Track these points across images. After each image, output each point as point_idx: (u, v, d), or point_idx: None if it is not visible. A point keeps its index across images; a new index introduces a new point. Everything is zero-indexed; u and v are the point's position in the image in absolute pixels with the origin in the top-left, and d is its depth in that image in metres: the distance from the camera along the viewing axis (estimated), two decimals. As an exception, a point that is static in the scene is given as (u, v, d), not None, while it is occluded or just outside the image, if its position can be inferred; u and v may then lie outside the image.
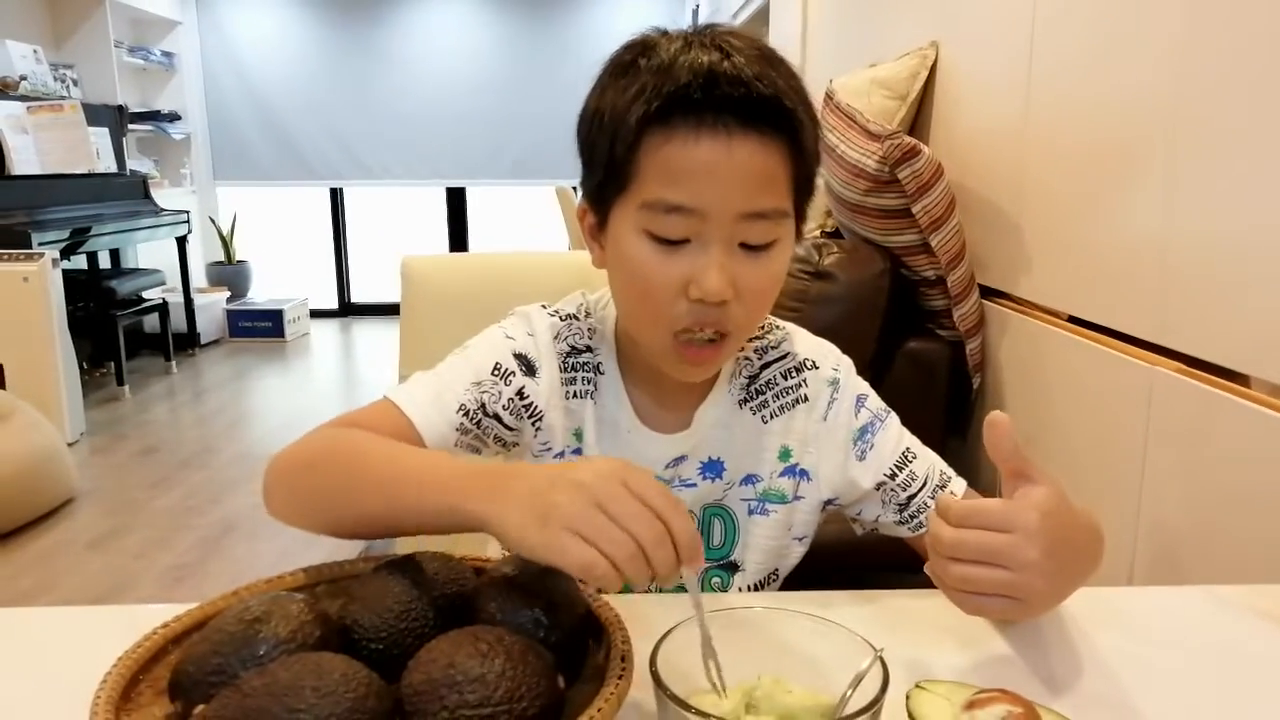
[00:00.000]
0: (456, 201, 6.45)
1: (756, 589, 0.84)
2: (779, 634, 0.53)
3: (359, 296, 6.60)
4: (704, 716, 0.43)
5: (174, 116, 5.81)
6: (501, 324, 0.83)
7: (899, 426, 0.83)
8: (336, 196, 6.38)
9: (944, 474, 0.81)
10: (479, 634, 0.48)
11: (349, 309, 6.57)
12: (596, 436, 0.81)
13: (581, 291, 0.87)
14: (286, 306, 5.70)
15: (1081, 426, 1.38)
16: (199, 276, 5.84)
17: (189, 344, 5.23)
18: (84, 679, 0.48)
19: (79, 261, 4.23)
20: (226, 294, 5.86)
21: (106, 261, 4.87)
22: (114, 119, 4.89)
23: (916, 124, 1.98)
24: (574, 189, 4.66)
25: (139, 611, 0.62)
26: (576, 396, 0.81)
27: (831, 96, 1.86)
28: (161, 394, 4.49)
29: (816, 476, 0.83)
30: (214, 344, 5.56)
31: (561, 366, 0.81)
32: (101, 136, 4.68)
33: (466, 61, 6.05)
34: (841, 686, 0.48)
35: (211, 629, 0.50)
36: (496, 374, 0.78)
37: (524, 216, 6.45)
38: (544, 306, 0.84)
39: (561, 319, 0.83)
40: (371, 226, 6.51)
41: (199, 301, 5.33)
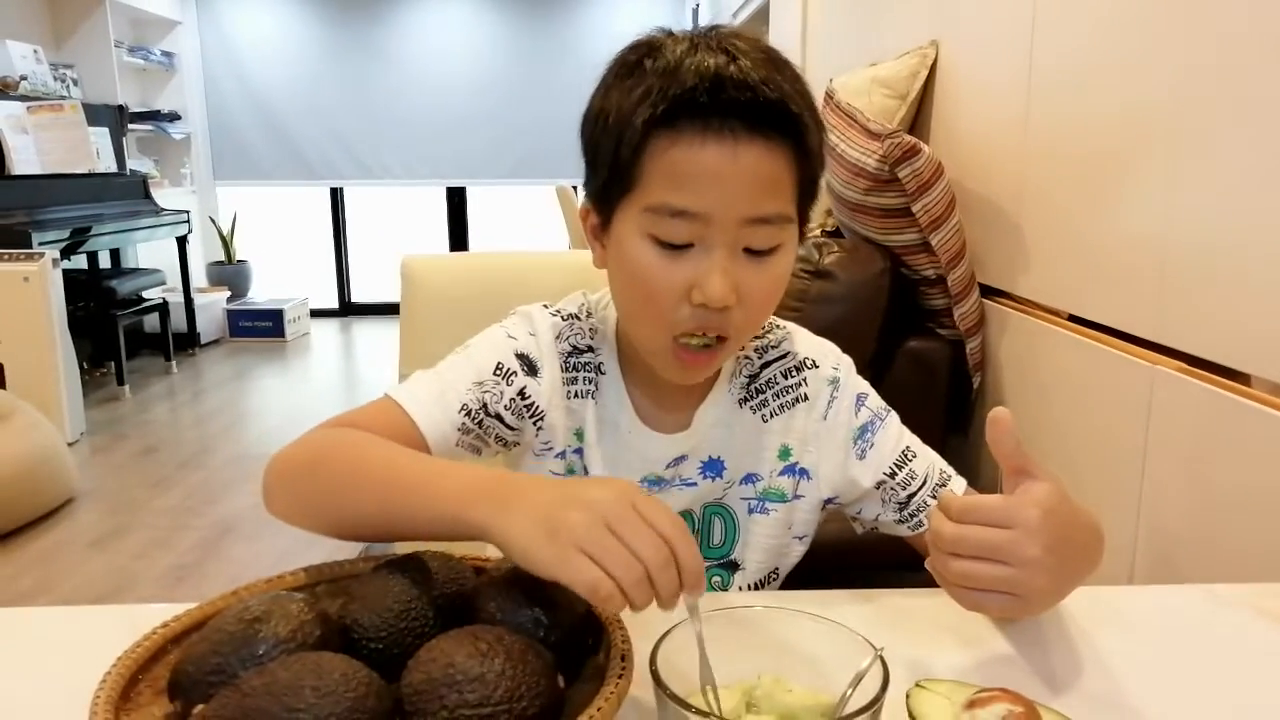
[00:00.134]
0: (457, 201, 6.45)
1: (756, 588, 0.84)
2: (779, 633, 0.53)
3: (359, 296, 6.60)
4: (704, 716, 0.43)
5: (174, 116, 5.81)
6: (503, 323, 0.83)
7: (899, 425, 0.83)
8: (337, 196, 6.38)
9: (944, 473, 0.81)
10: (479, 633, 0.48)
11: (349, 309, 6.57)
12: (597, 436, 0.81)
13: (582, 291, 0.87)
14: (287, 306, 5.70)
15: (1082, 425, 1.38)
16: (199, 276, 5.84)
17: (189, 344, 5.23)
18: (83, 679, 0.48)
19: (79, 261, 4.23)
20: (227, 294, 5.86)
21: (107, 261, 4.87)
22: (114, 119, 4.89)
23: (916, 123, 1.98)
24: (574, 189, 4.66)
25: (138, 611, 0.62)
26: (578, 396, 0.81)
27: (831, 96, 1.86)
28: (162, 394, 4.49)
29: (816, 475, 0.83)
30: (214, 344, 5.56)
31: (563, 366, 0.81)
32: (101, 136, 4.68)
33: (467, 61, 6.05)
34: (842, 686, 0.48)
35: (211, 629, 0.50)
36: (498, 374, 0.78)
37: (524, 216, 6.45)
38: (545, 306, 0.84)
39: (563, 319, 0.83)
40: (372, 226, 6.51)
41: (199, 301, 5.33)
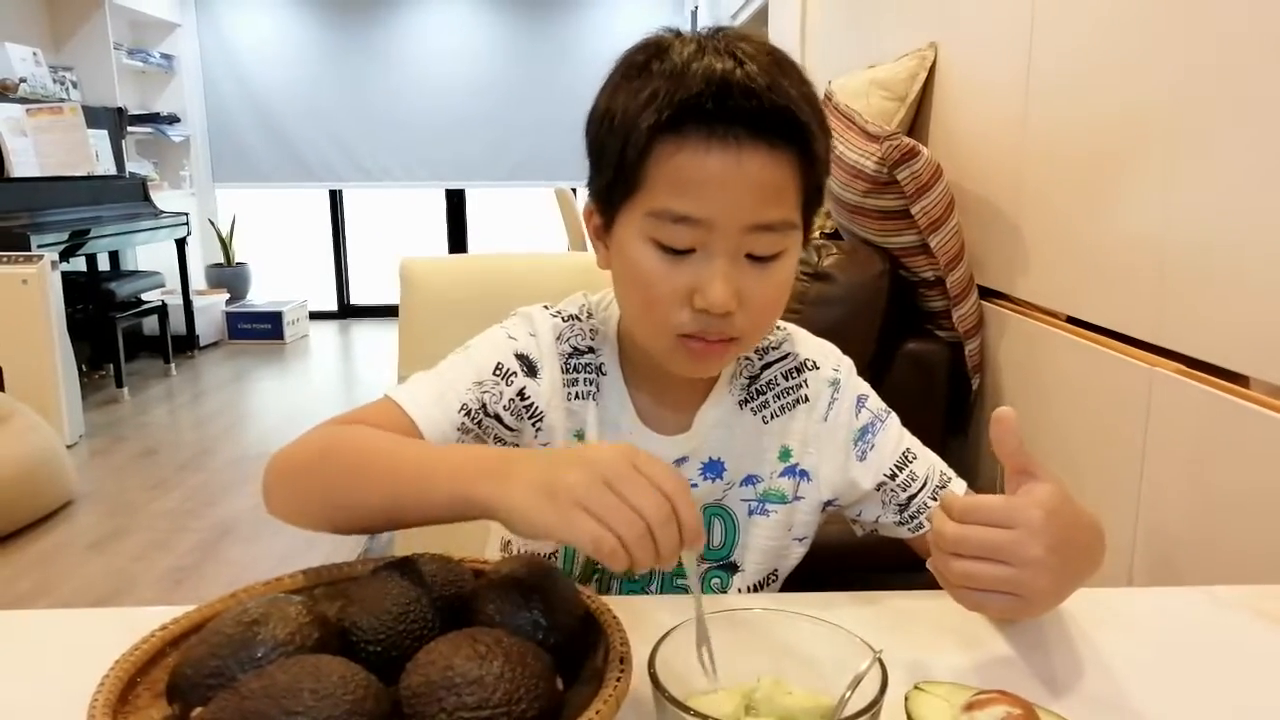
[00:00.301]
0: (456, 203, 6.45)
1: (756, 590, 0.84)
2: (778, 635, 0.53)
3: (358, 298, 6.59)
4: (702, 718, 0.43)
5: (173, 119, 5.81)
6: (504, 324, 0.83)
7: (899, 427, 0.83)
8: (336, 198, 6.38)
9: (944, 474, 0.81)
10: (477, 636, 0.48)
11: (348, 311, 6.57)
12: (598, 437, 0.81)
13: (583, 293, 0.87)
14: (286, 308, 5.69)
15: (1081, 427, 1.38)
16: (198, 278, 5.84)
17: (188, 346, 5.23)
18: (82, 682, 0.48)
19: (78, 264, 4.23)
20: (225, 296, 5.86)
21: (106, 264, 4.87)
22: (113, 121, 4.89)
23: (915, 125, 1.98)
24: (573, 191, 4.66)
25: (137, 614, 0.62)
26: (578, 398, 0.81)
27: (830, 98, 1.86)
28: (160, 396, 4.48)
29: (816, 477, 0.83)
30: (213, 346, 5.55)
31: (564, 368, 0.81)
32: (101, 139, 4.68)
33: (465, 63, 6.05)
34: (840, 688, 0.48)
35: (209, 631, 0.49)
36: (498, 374, 0.78)
37: (523, 218, 6.45)
38: (546, 307, 0.84)
39: (564, 320, 0.83)
40: (371, 228, 6.51)
41: (198, 303, 5.33)
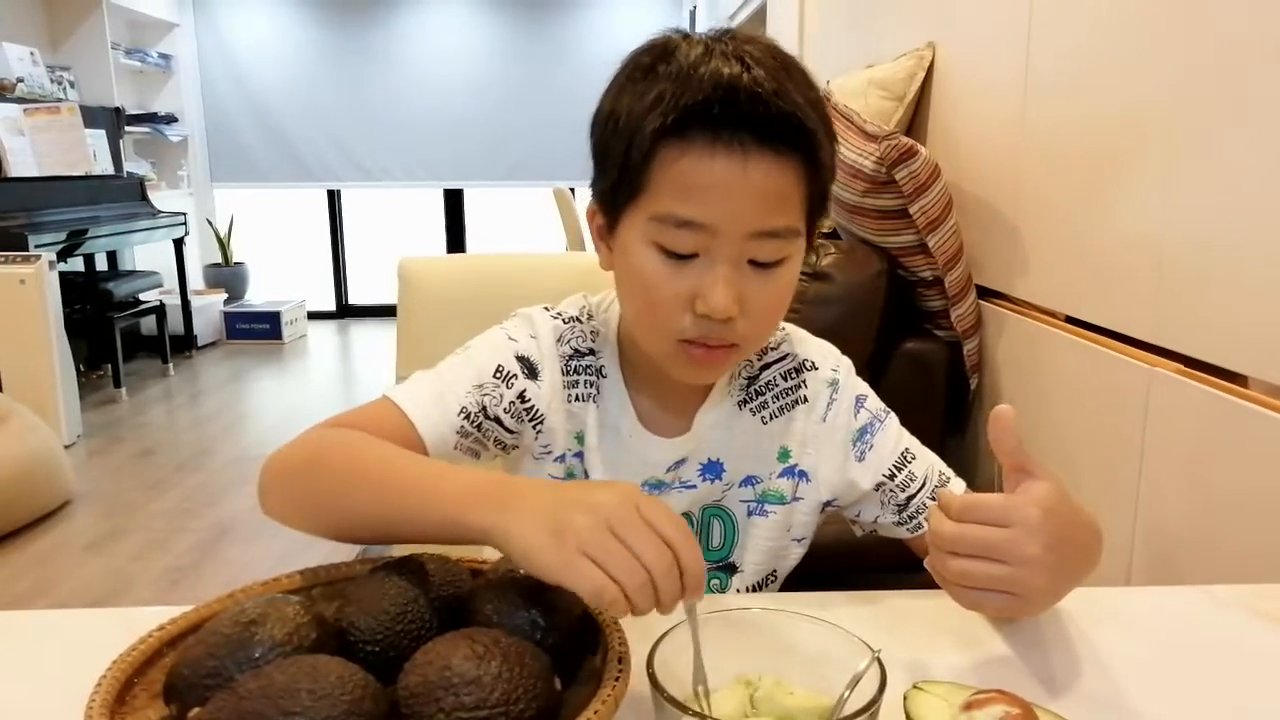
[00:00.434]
0: (454, 203, 6.45)
1: (755, 590, 0.84)
2: (777, 635, 0.53)
3: (356, 298, 6.59)
4: (700, 718, 0.43)
5: (171, 118, 5.80)
6: (504, 325, 0.83)
7: (898, 427, 0.83)
8: (334, 198, 6.37)
9: (943, 474, 0.81)
10: (475, 636, 0.47)
11: (346, 311, 6.57)
12: (598, 440, 0.81)
13: (583, 294, 0.87)
14: (284, 308, 5.69)
15: (1079, 427, 1.38)
16: (196, 278, 5.83)
17: (186, 346, 5.22)
18: (79, 682, 0.48)
19: (76, 264, 4.23)
20: (223, 296, 5.85)
21: (103, 264, 4.87)
22: (111, 121, 4.89)
23: (913, 125, 1.98)
24: (572, 190, 4.66)
25: (135, 614, 0.62)
26: (579, 400, 0.81)
27: (828, 98, 1.86)
28: (158, 396, 4.48)
29: (815, 477, 0.82)
30: (211, 346, 5.55)
31: (564, 370, 0.81)
32: (98, 138, 4.67)
33: (464, 64, 6.05)
34: (839, 687, 0.48)
35: (207, 631, 0.49)
36: (498, 376, 0.78)
37: (522, 218, 6.45)
38: (546, 308, 0.84)
39: (564, 321, 0.83)
40: (369, 228, 6.51)
41: (196, 303, 5.32)
